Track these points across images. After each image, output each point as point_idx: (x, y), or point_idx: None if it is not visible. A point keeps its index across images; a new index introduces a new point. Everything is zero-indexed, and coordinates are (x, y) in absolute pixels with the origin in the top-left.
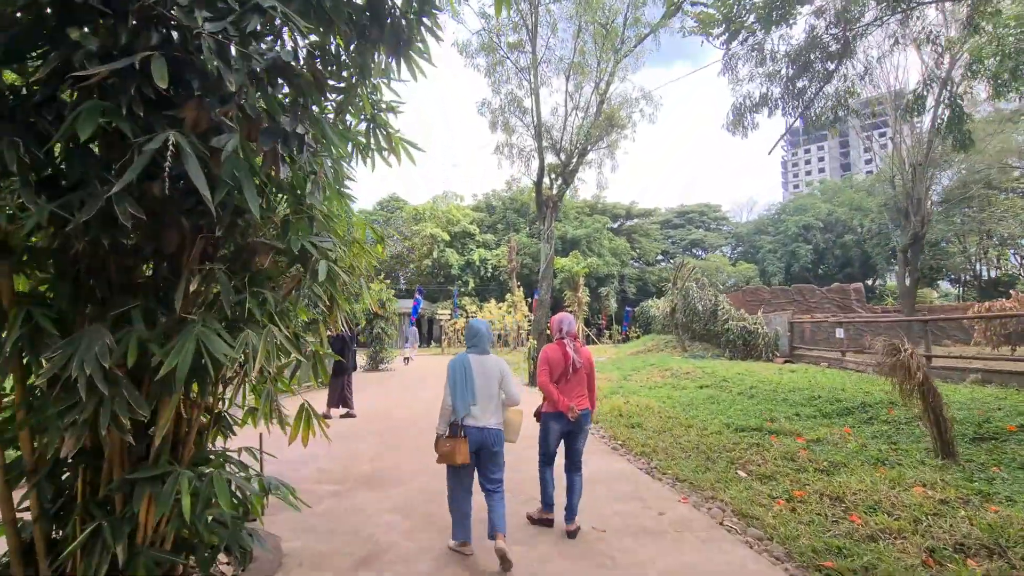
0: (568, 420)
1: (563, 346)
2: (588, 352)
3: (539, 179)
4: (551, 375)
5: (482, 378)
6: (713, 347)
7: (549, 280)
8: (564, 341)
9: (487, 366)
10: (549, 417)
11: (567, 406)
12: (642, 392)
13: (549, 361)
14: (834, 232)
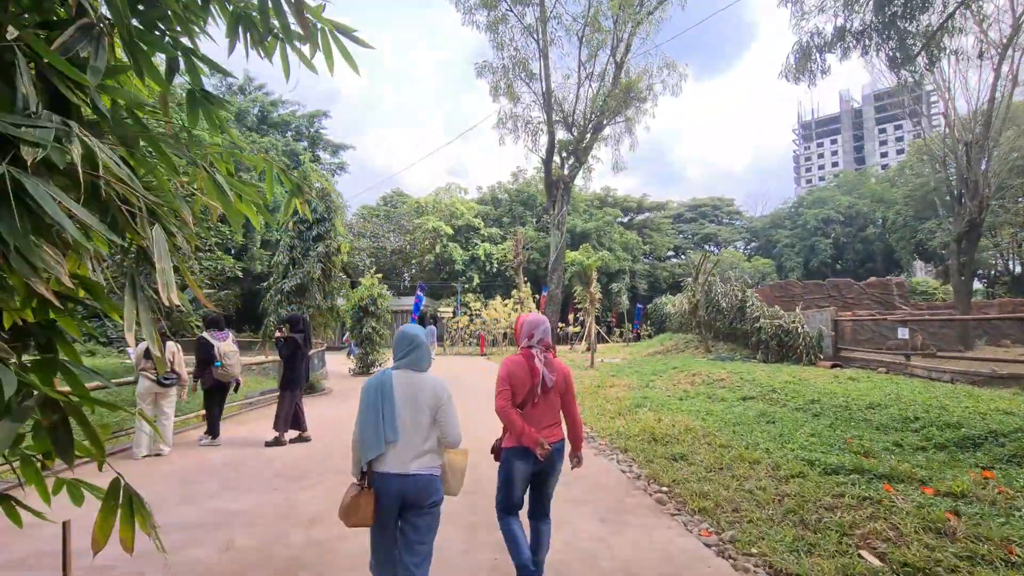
0: (537, 458)
1: (530, 358)
2: (564, 367)
3: (548, 157)
4: (513, 397)
5: (408, 405)
6: (740, 348)
7: (560, 272)
8: (533, 351)
9: (418, 389)
10: (512, 455)
11: (535, 440)
12: (672, 404)
13: (511, 378)
14: (855, 225)
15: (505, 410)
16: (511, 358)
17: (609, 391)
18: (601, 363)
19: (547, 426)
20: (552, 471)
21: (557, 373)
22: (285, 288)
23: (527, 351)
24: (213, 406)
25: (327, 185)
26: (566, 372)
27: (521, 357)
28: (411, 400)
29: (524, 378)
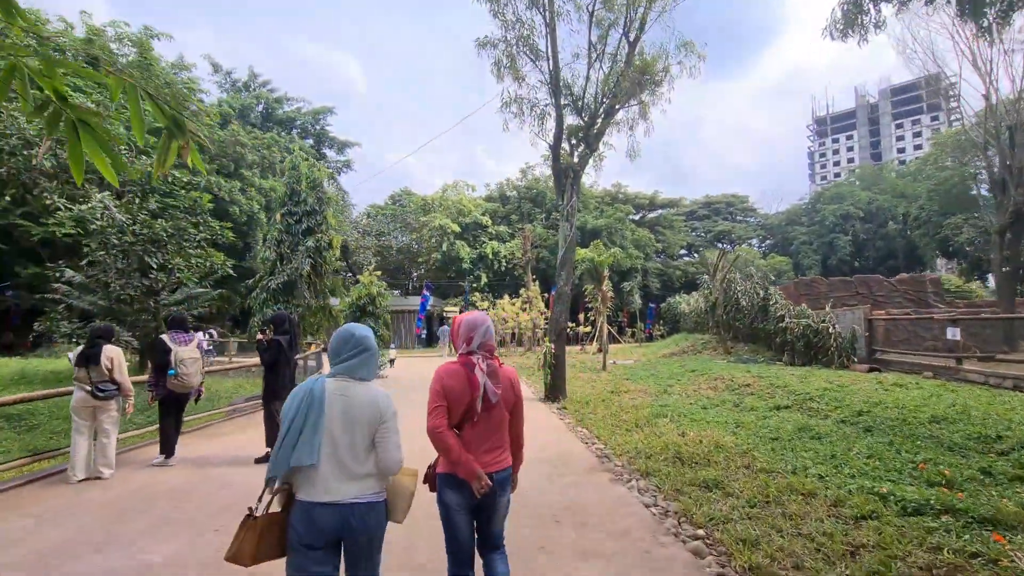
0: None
1: (469, 366)
2: (512, 374)
3: (556, 142)
4: (449, 415)
5: (341, 421)
6: (763, 349)
7: (570, 267)
8: (473, 358)
9: (355, 403)
10: (445, 483)
11: (472, 472)
12: (695, 414)
13: (445, 390)
14: (875, 221)
15: (438, 432)
16: (445, 367)
17: (624, 398)
18: (614, 365)
19: (490, 450)
20: (495, 506)
21: (503, 384)
22: (272, 286)
23: (465, 358)
24: (166, 420)
25: (319, 175)
26: (514, 381)
27: (458, 366)
28: (344, 415)
29: (461, 392)
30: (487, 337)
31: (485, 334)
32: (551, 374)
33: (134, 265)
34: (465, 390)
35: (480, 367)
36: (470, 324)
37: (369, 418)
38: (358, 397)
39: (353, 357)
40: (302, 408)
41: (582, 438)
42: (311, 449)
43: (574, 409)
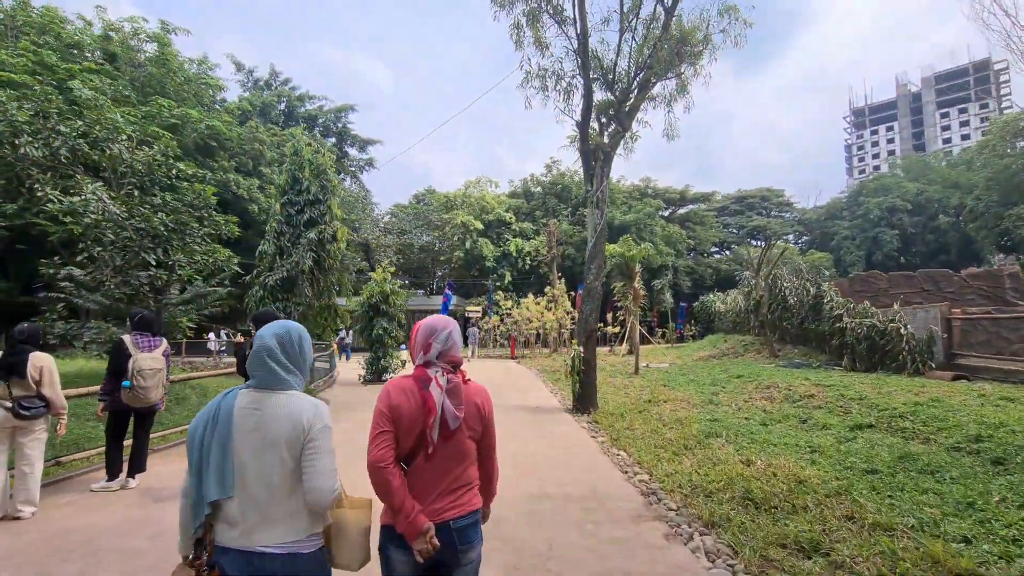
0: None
1: (423, 381)
2: (481, 393)
3: (584, 119)
4: (397, 444)
5: (251, 443)
6: (815, 352)
7: (600, 260)
8: (430, 371)
9: (271, 417)
10: (388, 538)
11: (416, 528)
12: (756, 433)
13: (392, 411)
14: (925, 214)
15: (380, 467)
16: (396, 382)
17: (663, 409)
18: (646, 368)
19: (450, 490)
20: (455, 566)
21: (468, 406)
22: (270, 282)
23: (421, 371)
24: (114, 437)
25: (323, 161)
26: (482, 404)
27: (411, 381)
28: (256, 436)
29: (414, 413)
30: (449, 345)
31: (447, 341)
32: (580, 381)
33: (132, 262)
34: (418, 412)
35: (438, 383)
36: (428, 329)
37: (288, 436)
38: (275, 411)
39: (272, 364)
40: (208, 429)
41: (620, 464)
42: (222, 478)
43: (607, 424)
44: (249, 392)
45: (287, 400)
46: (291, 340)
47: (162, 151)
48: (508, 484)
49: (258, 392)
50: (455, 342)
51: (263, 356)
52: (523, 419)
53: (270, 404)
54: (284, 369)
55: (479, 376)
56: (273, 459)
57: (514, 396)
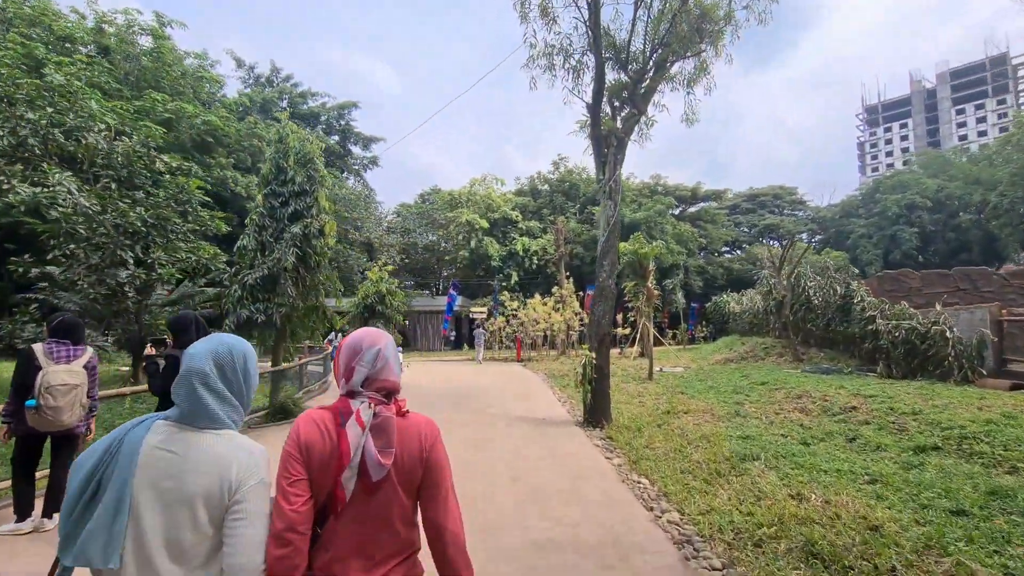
0: None
1: (342, 415)
2: (426, 434)
3: (595, 100)
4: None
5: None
6: (843, 356)
7: (613, 256)
8: (353, 403)
9: (190, 465)
10: None
11: None
12: (800, 455)
13: (302, 452)
14: (945, 211)
15: (296, 535)
16: (308, 414)
17: (685, 421)
18: (660, 372)
19: (373, 566)
20: None
21: (403, 448)
22: (249, 281)
23: (342, 402)
24: (21, 469)
25: (311, 149)
26: (425, 443)
27: (328, 413)
28: (164, 487)
29: (326, 458)
30: (379, 368)
31: (374, 363)
32: (592, 391)
33: (108, 260)
34: (330, 455)
35: (358, 419)
36: (350, 348)
37: (208, 492)
38: (197, 455)
39: (197, 388)
40: (99, 470)
41: (642, 496)
42: (108, 540)
43: (624, 440)
44: (167, 427)
45: (215, 443)
46: (232, 363)
47: (142, 141)
48: (507, 522)
49: (178, 428)
50: (387, 363)
51: (192, 383)
52: (528, 434)
53: (192, 446)
54: (219, 400)
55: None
56: (184, 520)
57: (518, 406)
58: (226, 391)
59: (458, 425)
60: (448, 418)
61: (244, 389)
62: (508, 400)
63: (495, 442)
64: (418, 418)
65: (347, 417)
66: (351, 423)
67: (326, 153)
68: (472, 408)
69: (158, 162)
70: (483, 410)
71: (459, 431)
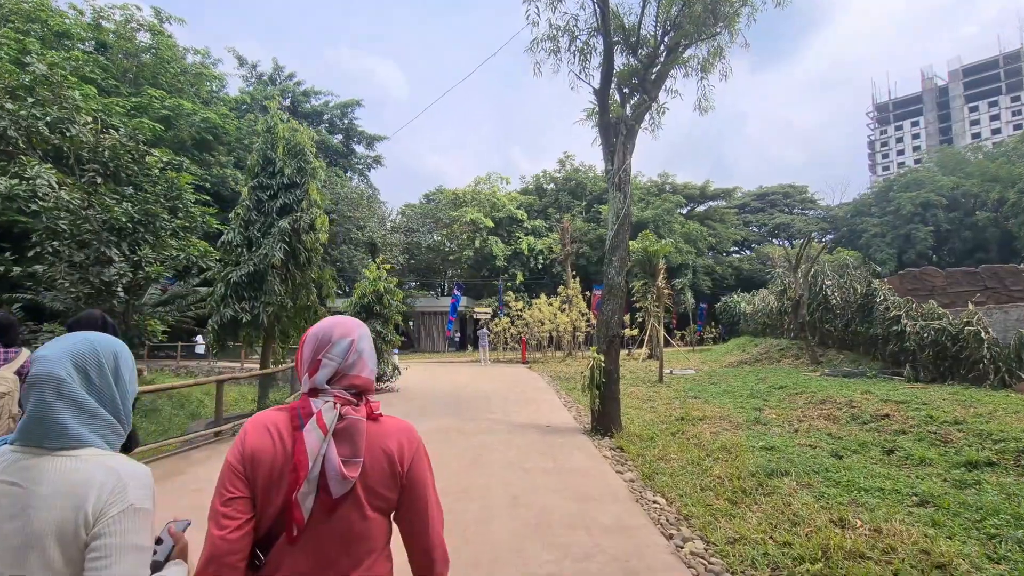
0: None
1: (300, 416)
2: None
3: (604, 84)
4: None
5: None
6: (865, 358)
7: (623, 252)
8: (314, 403)
9: (39, 499)
10: None
11: None
12: (833, 470)
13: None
14: (961, 209)
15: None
16: (259, 417)
17: (701, 429)
18: (670, 375)
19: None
20: None
21: (372, 459)
22: (234, 279)
23: (303, 401)
24: None
25: (302, 139)
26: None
27: (283, 415)
28: (12, 527)
29: (279, 468)
30: (351, 362)
31: (346, 355)
32: (600, 396)
33: (92, 257)
34: (282, 466)
35: (319, 421)
36: (317, 337)
37: (59, 530)
38: (47, 486)
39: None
40: None
41: (659, 518)
42: None
43: (635, 451)
44: (10, 452)
45: (72, 468)
46: (99, 364)
47: (130, 135)
48: (504, 553)
49: (25, 453)
50: (361, 357)
51: (43, 392)
52: (531, 443)
53: (41, 474)
54: (79, 413)
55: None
56: (35, 567)
57: (522, 411)
58: (89, 400)
59: (456, 433)
60: (446, 425)
61: (117, 397)
62: (511, 405)
63: (495, 453)
64: (394, 424)
65: (306, 419)
66: (310, 426)
67: (329, 152)
68: (472, 414)
69: (148, 157)
70: (483, 416)
71: (456, 440)
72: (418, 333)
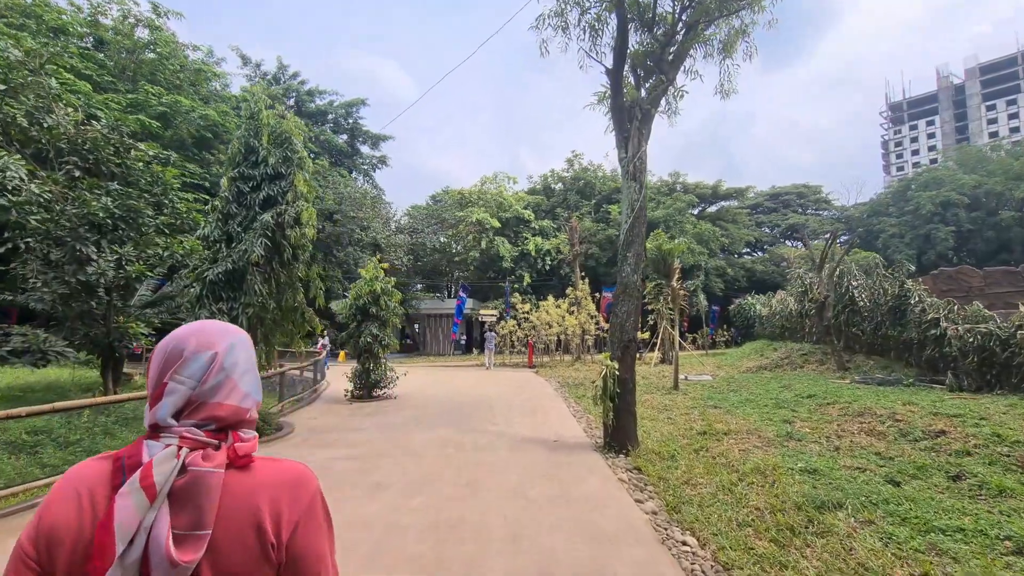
0: None
1: (122, 468)
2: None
3: (617, 62)
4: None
5: None
6: (898, 364)
7: (639, 247)
8: (151, 445)
9: None
10: None
11: None
12: (893, 501)
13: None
14: (984, 208)
15: None
16: (76, 472)
17: (727, 446)
18: (685, 381)
19: None
20: None
21: (225, 531)
22: (210, 277)
23: (136, 447)
24: None
25: (288, 127)
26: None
27: (106, 470)
28: None
29: (80, 550)
30: (208, 386)
31: (203, 376)
32: (614, 408)
33: (67, 255)
34: (87, 547)
35: (145, 478)
36: (166, 352)
37: None
38: None
39: None
40: None
41: (691, 567)
42: None
43: (656, 473)
44: None
45: None
46: None
47: (112, 125)
48: None
49: None
50: (229, 376)
51: None
52: (536, 463)
53: None
54: None
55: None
56: None
57: (527, 422)
58: None
59: (453, 448)
60: (442, 437)
61: None
62: (515, 415)
63: (494, 475)
64: (273, 471)
65: (130, 473)
66: (128, 487)
67: (333, 152)
68: (472, 424)
69: (133, 151)
70: (485, 427)
71: (452, 457)
72: (423, 336)
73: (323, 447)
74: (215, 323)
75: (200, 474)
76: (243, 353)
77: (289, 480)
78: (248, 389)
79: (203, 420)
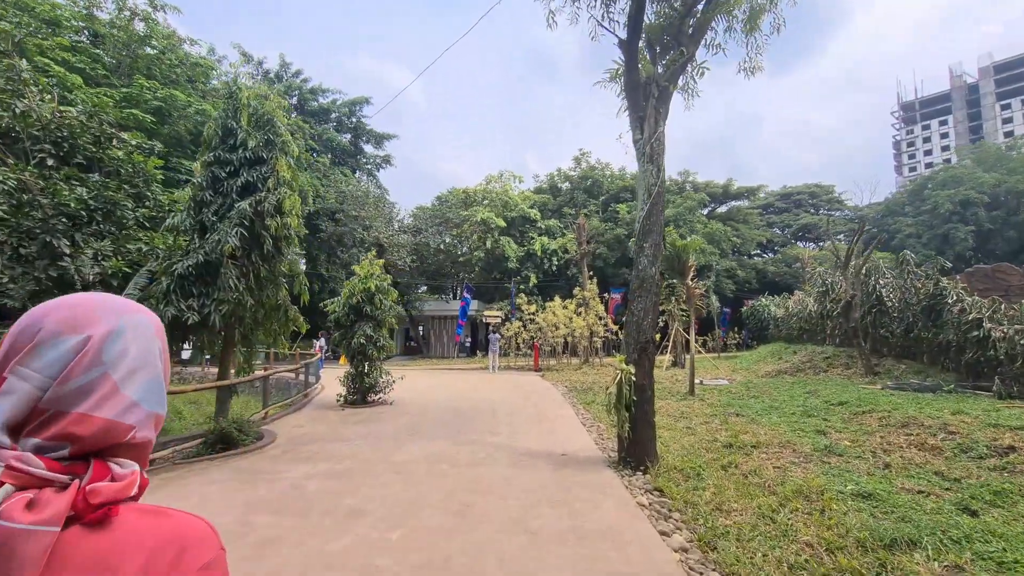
0: None
1: None
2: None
3: (632, 34)
4: None
5: None
6: (931, 368)
7: (656, 236)
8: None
9: None
10: None
11: None
12: (977, 536)
13: None
14: (1005, 208)
15: None
16: None
17: (759, 463)
18: (700, 385)
19: None
20: None
21: None
22: (180, 270)
23: None
24: None
25: (270, 108)
26: None
27: None
28: None
29: None
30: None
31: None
32: (631, 418)
33: (37, 250)
34: None
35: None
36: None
37: None
38: None
39: None
40: None
41: None
42: None
43: (680, 496)
44: None
45: None
46: None
47: (89, 111)
48: None
49: None
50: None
51: None
52: (541, 483)
53: None
54: None
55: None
56: None
57: (532, 432)
58: None
59: (447, 464)
60: (436, 451)
61: None
62: (519, 423)
63: (491, 500)
64: (151, 528)
65: None
66: None
67: (337, 151)
68: (471, 434)
69: (115, 139)
70: (485, 438)
71: (445, 475)
72: (427, 339)
73: (301, 461)
74: (101, 296)
75: (11, 534)
76: (138, 342)
77: (170, 545)
78: (138, 396)
79: (52, 439)
